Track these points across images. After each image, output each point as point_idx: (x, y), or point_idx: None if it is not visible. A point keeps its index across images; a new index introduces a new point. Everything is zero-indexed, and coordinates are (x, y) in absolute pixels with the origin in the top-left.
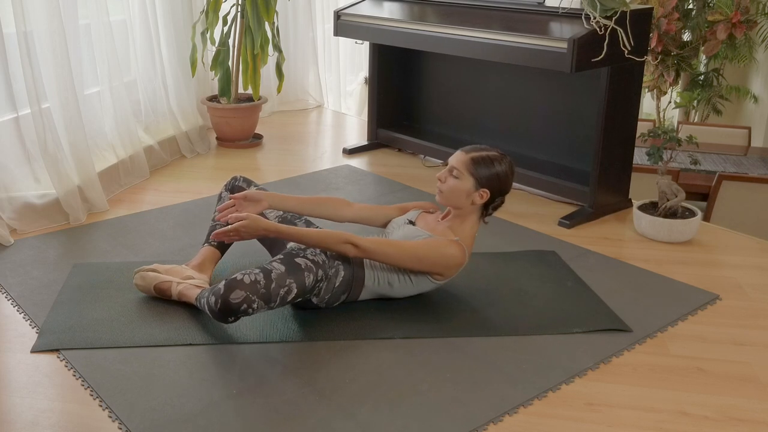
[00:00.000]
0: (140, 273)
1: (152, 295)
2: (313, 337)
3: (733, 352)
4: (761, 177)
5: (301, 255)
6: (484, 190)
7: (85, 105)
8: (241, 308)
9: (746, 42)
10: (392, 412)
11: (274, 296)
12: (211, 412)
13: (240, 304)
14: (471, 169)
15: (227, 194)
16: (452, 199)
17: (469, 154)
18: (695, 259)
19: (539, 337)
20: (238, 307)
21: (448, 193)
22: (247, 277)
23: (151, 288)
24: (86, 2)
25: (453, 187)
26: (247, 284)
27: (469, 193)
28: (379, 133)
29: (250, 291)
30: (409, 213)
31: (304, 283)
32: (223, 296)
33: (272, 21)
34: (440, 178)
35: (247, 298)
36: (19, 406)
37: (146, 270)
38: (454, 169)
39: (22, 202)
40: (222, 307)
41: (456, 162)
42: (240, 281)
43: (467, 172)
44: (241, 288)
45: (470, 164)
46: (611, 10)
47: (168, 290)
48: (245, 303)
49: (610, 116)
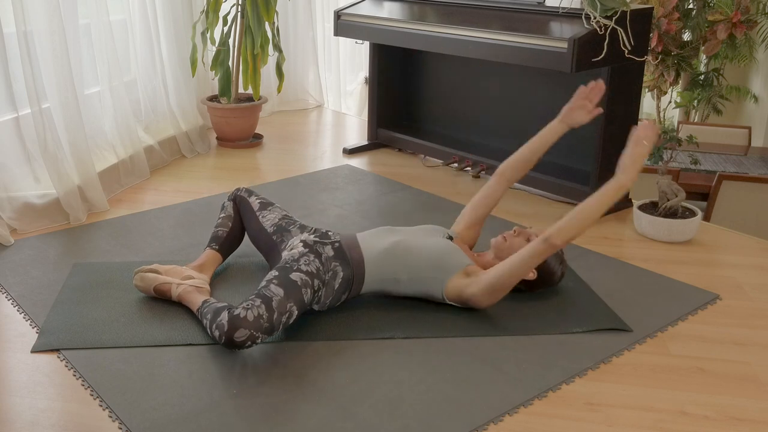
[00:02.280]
0: (140, 274)
1: (152, 296)
2: (313, 337)
3: (733, 352)
4: (761, 177)
5: (295, 268)
6: (533, 272)
7: (85, 105)
8: (246, 344)
9: (746, 42)
10: (392, 412)
11: (276, 325)
12: (211, 412)
13: (244, 341)
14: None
15: (230, 203)
16: (506, 255)
17: None
18: (695, 258)
19: (539, 337)
20: (243, 343)
21: (512, 248)
22: (250, 313)
23: (151, 289)
24: (86, 2)
25: (520, 248)
26: (251, 321)
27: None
28: (379, 133)
29: (254, 329)
30: (444, 229)
31: (303, 300)
32: (228, 334)
33: (272, 21)
34: (516, 230)
35: (251, 336)
36: (19, 406)
37: (146, 270)
38: (531, 235)
39: (22, 202)
40: (227, 342)
41: (539, 232)
42: (243, 319)
43: None
44: (245, 327)
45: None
46: (611, 9)
47: (168, 292)
48: (249, 340)
49: (610, 116)
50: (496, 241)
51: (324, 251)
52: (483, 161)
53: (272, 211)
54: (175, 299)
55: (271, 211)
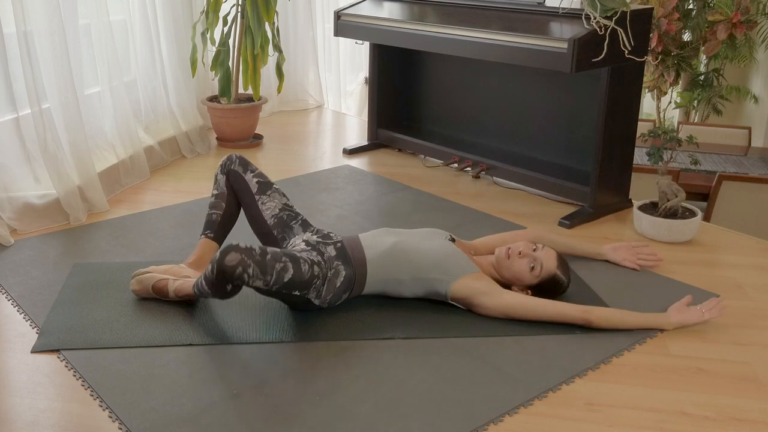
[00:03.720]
0: (137, 277)
1: (151, 297)
2: (313, 337)
3: (733, 352)
4: (761, 177)
5: (297, 252)
6: (529, 291)
7: (85, 105)
8: (237, 272)
9: (746, 42)
10: (392, 412)
11: (270, 269)
12: (211, 412)
13: (235, 267)
14: (546, 278)
15: (223, 177)
16: (507, 272)
17: (557, 269)
18: (695, 259)
19: (539, 337)
20: (233, 270)
21: (512, 269)
22: (243, 243)
23: (149, 288)
24: (86, 2)
25: (520, 272)
26: (243, 248)
27: (522, 285)
28: (379, 133)
29: (245, 255)
30: (444, 232)
31: (300, 269)
32: (219, 261)
33: (272, 21)
34: (522, 252)
35: (243, 261)
36: (19, 406)
37: (142, 273)
38: (539, 265)
39: (22, 202)
40: (218, 272)
41: (545, 261)
42: (235, 246)
43: (542, 277)
44: (236, 251)
45: (551, 276)
46: (611, 10)
47: (165, 288)
48: (240, 266)
49: (610, 116)
50: (499, 253)
51: (326, 251)
52: (483, 161)
53: (272, 198)
54: (172, 295)
55: (270, 198)
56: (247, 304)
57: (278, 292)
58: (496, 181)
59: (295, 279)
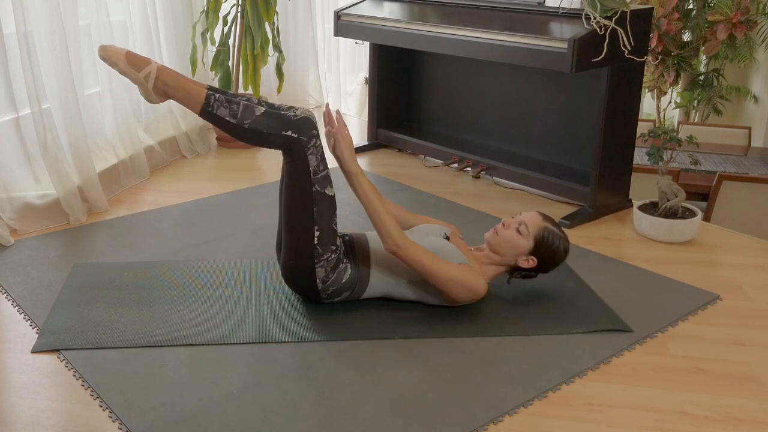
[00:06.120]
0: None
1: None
2: (313, 337)
3: (733, 352)
4: (761, 177)
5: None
6: (533, 258)
7: (85, 105)
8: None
9: (746, 42)
10: (392, 412)
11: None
12: (211, 412)
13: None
14: (538, 234)
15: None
16: (502, 248)
17: (544, 222)
18: (695, 259)
19: (539, 337)
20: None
21: (503, 240)
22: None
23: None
24: (86, 2)
25: (511, 239)
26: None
27: (521, 252)
28: (379, 133)
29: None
30: (443, 228)
31: (307, 162)
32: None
33: (272, 21)
34: (505, 223)
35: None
36: (19, 406)
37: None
38: (523, 224)
39: (22, 202)
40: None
41: (528, 220)
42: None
43: (533, 235)
44: None
45: (541, 230)
46: (611, 10)
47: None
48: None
49: (610, 116)
50: (488, 236)
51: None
52: (483, 161)
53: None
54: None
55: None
56: (247, 303)
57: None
58: (496, 181)
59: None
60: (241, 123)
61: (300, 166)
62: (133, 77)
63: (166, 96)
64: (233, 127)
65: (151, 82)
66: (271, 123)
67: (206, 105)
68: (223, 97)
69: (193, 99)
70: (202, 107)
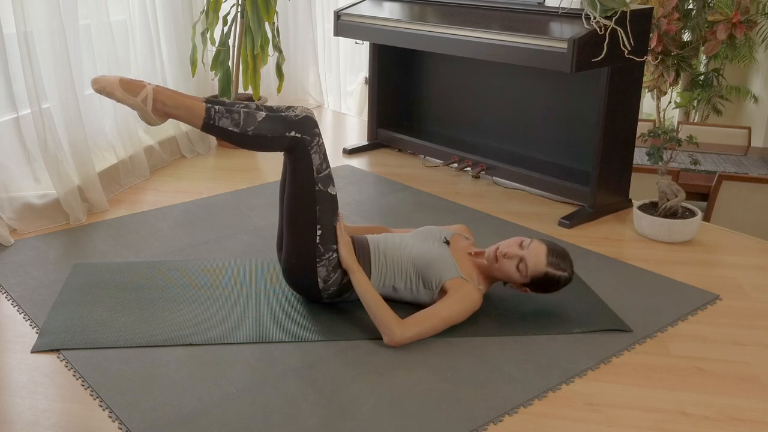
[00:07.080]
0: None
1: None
2: (313, 337)
3: (733, 352)
4: (761, 177)
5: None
6: (526, 289)
7: (85, 105)
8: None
9: (746, 42)
10: (392, 412)
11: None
12: (211, 412)
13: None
14: (536, 277)
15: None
16: (500, 273)
17: (546, 267)
18: (695, 259)
19: (539, 337)
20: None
21: (501, 269)
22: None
23: (117, 82)
24: (86, 2)
25: (508, 273)
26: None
27: (516, 283)
28: (379, 133)
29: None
30: (444, 231)
31: (311, 161)
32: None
33: (272, 21)
34: (508, 254)
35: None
36: (19, 406)
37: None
38: (523, 263)
39: (22, 202)
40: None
41: (531, 259)
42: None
43: (531, 276)
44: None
45: (540, 275)
46: (611, 10)
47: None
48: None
49: (610, 116)
50: (489, 255)
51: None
52: (483, 161)
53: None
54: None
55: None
56: (247, 303)
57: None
58: (496, 181)
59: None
60: (245, 131)
61: (303, 165)
62: (131, 103)
63: (166, 116)
64: (237, 136)
65: (149, 104)
66: (274, 126)
67: (207, 118)
68: (222, 108)
69: (194, 114)
70: (203, 121)
